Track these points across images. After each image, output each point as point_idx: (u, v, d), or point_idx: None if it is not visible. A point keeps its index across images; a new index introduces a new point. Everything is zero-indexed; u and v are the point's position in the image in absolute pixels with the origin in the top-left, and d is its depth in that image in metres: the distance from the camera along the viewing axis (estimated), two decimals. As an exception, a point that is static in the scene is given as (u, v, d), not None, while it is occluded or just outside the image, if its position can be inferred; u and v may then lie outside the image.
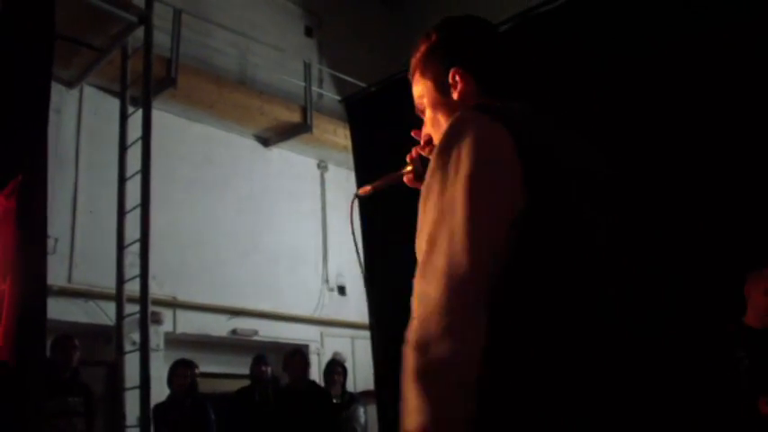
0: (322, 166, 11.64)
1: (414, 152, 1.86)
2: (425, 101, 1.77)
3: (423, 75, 1.77)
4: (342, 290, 11.22)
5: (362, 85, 8.27)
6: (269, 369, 7.43)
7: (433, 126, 1.75)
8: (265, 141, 10.88)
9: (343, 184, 10.95)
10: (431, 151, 1.73)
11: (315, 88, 11.38)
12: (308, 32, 12.57)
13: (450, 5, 11.85)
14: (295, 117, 10.59)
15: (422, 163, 1.80)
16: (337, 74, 11.90)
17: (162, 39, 8.58)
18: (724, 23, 3.32)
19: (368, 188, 2.01)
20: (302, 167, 11.35)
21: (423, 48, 1.78)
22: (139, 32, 7.27)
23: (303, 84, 10.99)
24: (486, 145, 1.38)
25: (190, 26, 9.74)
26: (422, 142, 1.82)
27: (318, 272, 11.09)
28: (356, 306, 10.39)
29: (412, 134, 1.89)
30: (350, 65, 11.87)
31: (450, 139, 1.43)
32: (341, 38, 12.67)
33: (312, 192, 11.39)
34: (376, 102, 5.26)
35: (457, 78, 1.68)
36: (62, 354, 6.24)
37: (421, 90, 1.78)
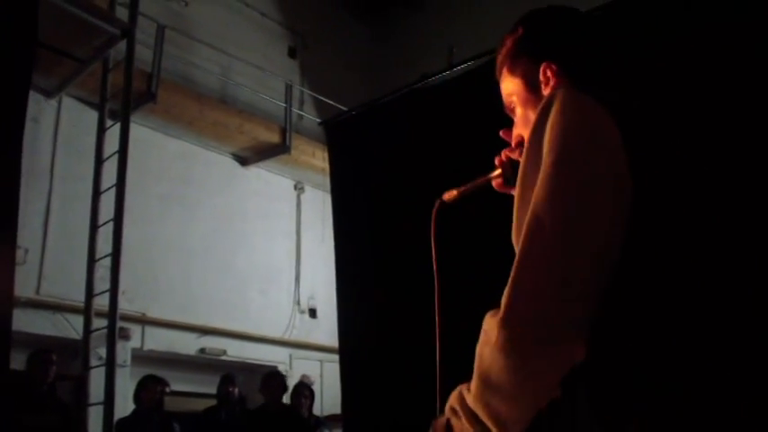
0: (299, 188, 11.62)
1: (503, 155, 1.71)
2: (515, 99, 1.64)
3: (511, 72, 1.65)
4: (313, 312, 11.17)
5: (343, 108, 8.29)
6: (236, 389, 7.38)
7: (525, 126, 1.60)
8: (243, 160, 10.85)
9: (319, 207, 10.92)
10: (522, 154, 1.64)
11: (295, 109, 11.39)
12: (291, 53, 12.59)
13: (436, 33, 11.89)
14: (274, 137, 10.58)
15: (512, 166, 1.67)
16: (318, 96, 11.92)
17: (144, 53, 8.56)
18: None
19: (454, 192, 1.83)
20: (279, 188, 11.32)
21: (509, 43, 1.66)
22: (122, 46, 7.25)
23: (284, 104, 11.00)
24: (591, 125, 1.29)
25: (173, 42, 9.74)
26: (513, 144, 1.70)
27: (290, 293, 11.03)
28: (326, 329, 10.33)
29: (500, 134, 1.75)
30: (331, 88, 11.90)
31: (548, 114, 1.31)
32: (324, 60, 12.70)
33: (288, 213, 11.36)
34: (356, 126, 5.26)
35: (549, 74, 1.56)
36: (39, 368, 6.14)
37: (510, 88, 1.66)
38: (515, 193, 1.34)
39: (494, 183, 1.74)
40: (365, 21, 13.95)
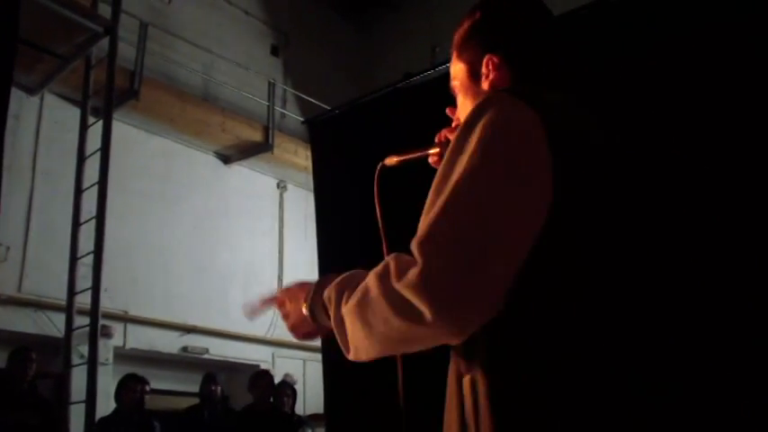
0: (281, 186, 11.61)
1: (442, 134, 1.73)
2: (457, 84, 1.63)
3: (459, 56, 1.62)
4: (296, 311, 11.15)
5: (326, 107, 8.29)
6: (219, 388, 7.37)
7: (462, 111, 1.61)
8: (225, 158, 10.84)
9: (301, 205, 10.93)
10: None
11: (278, 108, 11.39)
12: (274, 51, 12.59)
13: (418, 33, 11.90)
14: (256, 136, 10.58)
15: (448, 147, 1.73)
16: (301, 95, 11.92)
17: (127, 51, 8.55)
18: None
19: (395, 159, 1.89)
20: (261, 186, 11.32)
21: (465, 25, 1.61)
22: (104, 43, 7.21)
23: (266, 103, 10.99)
24: (513, 130, 1.26)
25: (155, 39, 9.72)
26: (452, 124, 1.71)
27: (273, 292, 10.99)
28: (309, 328, 10.29)
29: (447, 111, 1.75)
30: (314, 86, 11.91)
31: (475, 120, 1.28)
32: (307, 59, 12.70)
33: (270, 211, 11.35)
34: (339, 125, 5.25)
35: (490, 67, 1.53)
36: (18, 366, 6.11)
37: (455, 71, 1.63)
38: (432, 187, 1.31)
39: (430, 159, 1.77)
40: (348, 19, 13.97)
